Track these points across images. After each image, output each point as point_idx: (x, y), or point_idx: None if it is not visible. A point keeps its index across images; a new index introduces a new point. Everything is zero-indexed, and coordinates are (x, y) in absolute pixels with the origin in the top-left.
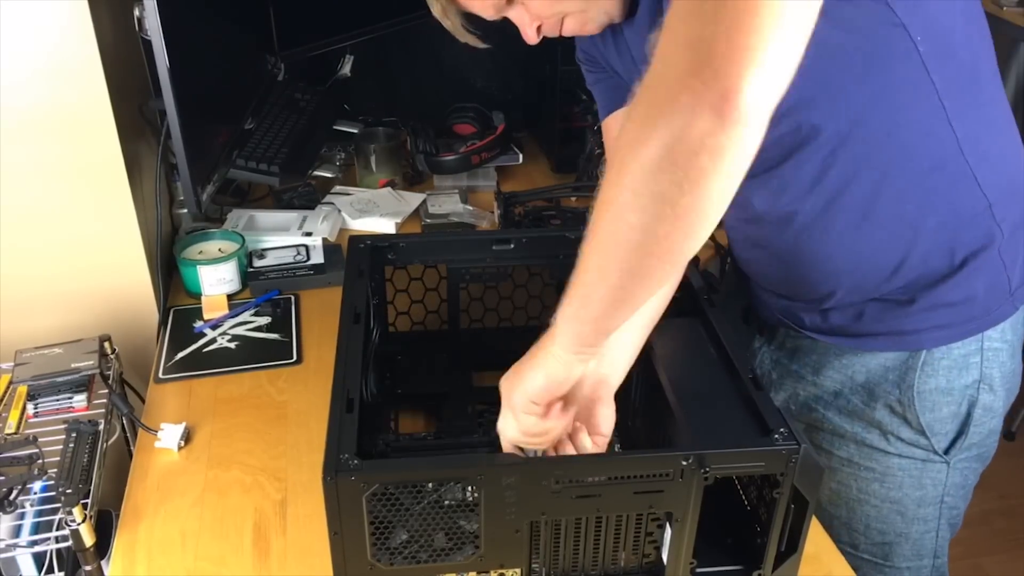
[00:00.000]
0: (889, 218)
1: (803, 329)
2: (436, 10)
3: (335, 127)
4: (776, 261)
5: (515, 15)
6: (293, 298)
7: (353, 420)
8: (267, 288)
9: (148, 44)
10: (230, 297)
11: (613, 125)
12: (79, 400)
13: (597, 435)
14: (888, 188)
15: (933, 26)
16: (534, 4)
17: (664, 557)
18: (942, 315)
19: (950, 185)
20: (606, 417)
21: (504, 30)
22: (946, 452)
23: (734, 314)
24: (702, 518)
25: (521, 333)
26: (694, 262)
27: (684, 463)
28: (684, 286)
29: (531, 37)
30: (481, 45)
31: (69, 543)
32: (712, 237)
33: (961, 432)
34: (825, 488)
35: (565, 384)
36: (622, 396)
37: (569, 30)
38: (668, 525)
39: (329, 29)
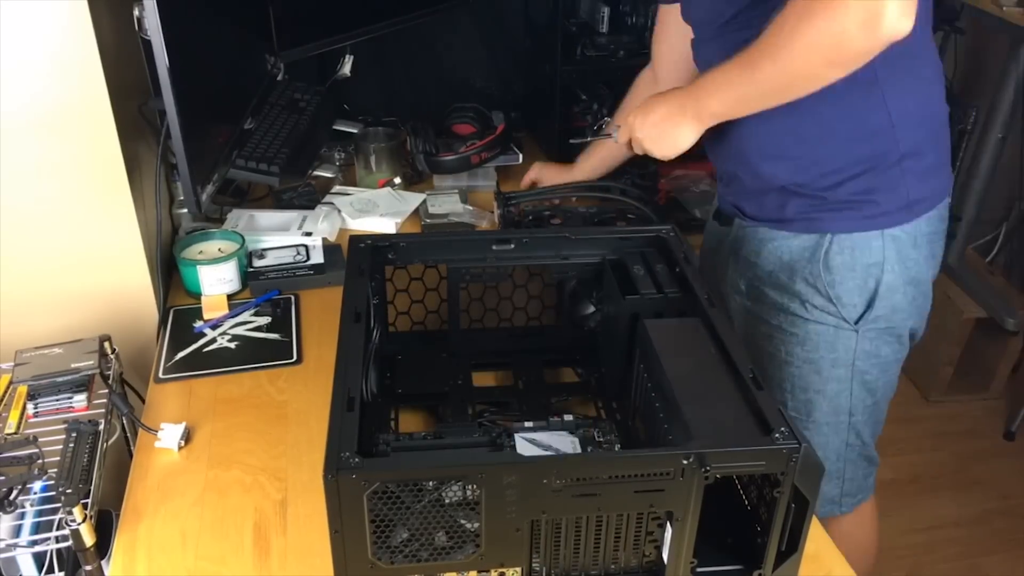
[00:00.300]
0: (805, 117)
1: (747, 217)
2: None
3: (335, 127)
4: (719, 140)
5: None
6: (293, 298)
7: (354, 419)
8: (267, 288)
9: (148, 44)
10: (230, 297)
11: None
12: (79, 400)
13: None
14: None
15: None
16: None
17: (664, 556)
18: (846, 210)
19: (862, 99)
20: None
21: (504, 29)
22: (856, 322)
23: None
24: (702, 517)
25: (521, 333)
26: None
27: (685, 462)
28: (684, 286)
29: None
30: None
31: (69, 543)
32: None
33: (869, 305)
34: (763, 352)
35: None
36: (623, 396)
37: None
38: (668, 524)
39: (329, 29)
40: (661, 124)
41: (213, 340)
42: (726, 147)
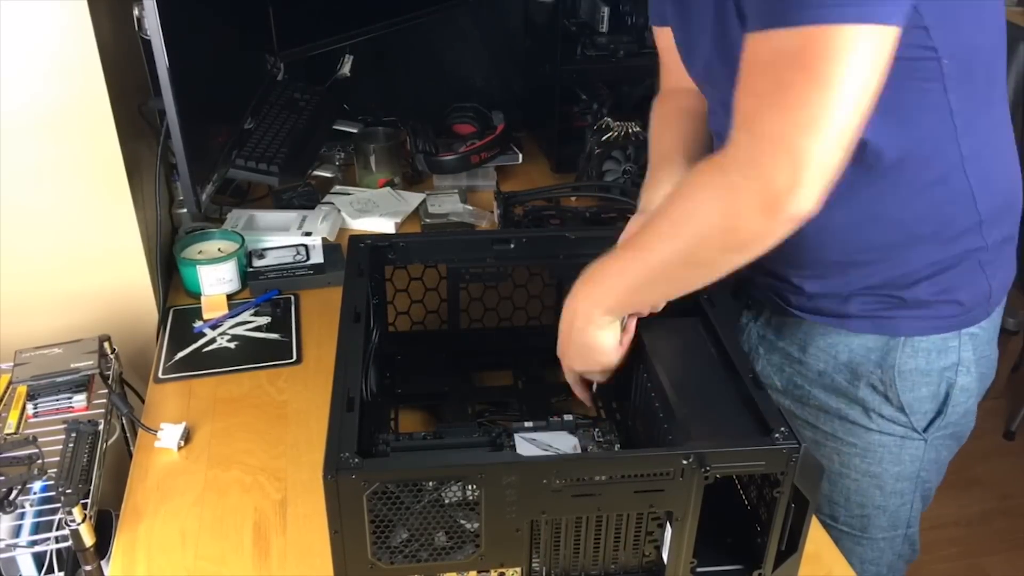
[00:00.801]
0: (888, 222)
1: (789, 307)
2: None
3: (335, 127)
4: (792, 253)
5: None
6: (293, 298)
7: (353, 419)
8: (267, 288)
9: (148, 44)
10: (230, 297)
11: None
12: (79, 400)
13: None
14: (893, 195)
15: (962, 47)
16: None
17: (664, 556)
18: (923, 311)
19: (949, 200)
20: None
21: (504, 29)
22: (924, 430)
23: (726, 297)
24: (702, 518)
25: (521, 333)
26: None
27: (684, 462)
28: None
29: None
30: None
31: (69, 543)
32: None
33: (939, 412)
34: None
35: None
36: (622, 396)
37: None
38: (668, 524)
39: (329, 29)
40: (577, 342)
41: (213, 340)
42: (779, 250)
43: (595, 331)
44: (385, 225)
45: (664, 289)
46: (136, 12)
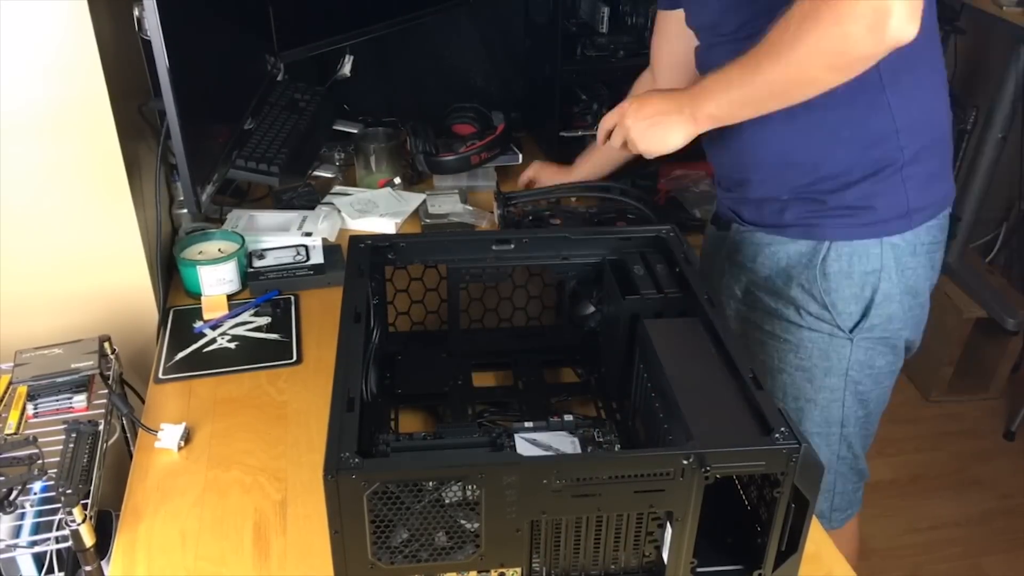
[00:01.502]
0: (810, 123)
1: (744, 222)
2: None
3: (335, 127)
4: (723, 148)
5: None
6: (293, 298)
7: (354, 419)
8: (267, 288)
9: (148, 44)
10: (230, 297)
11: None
12: (79, 400)
13: None
14: (819, 99)
15: None
16: None
17: (664, 556)
18: (846, 218)
19: (867, 104)
20: None
21: (504, 29)
22: (851, 331)
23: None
24: (702, 518)
25: (521, 333)
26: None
27: (685, 462)
28: (684, 286)
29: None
30: None
31: (69, 543)
32: None
33: (864, 314)
34: (757, 359)
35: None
36: (623, 396)
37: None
38: (668, 524)
39: (329, 29)
40: (654, 119)
41: (213, 340)
42: (732, 155)
43: (680, 126)
44: (385, 225)
45: (765, 105)
46: (136, 12)
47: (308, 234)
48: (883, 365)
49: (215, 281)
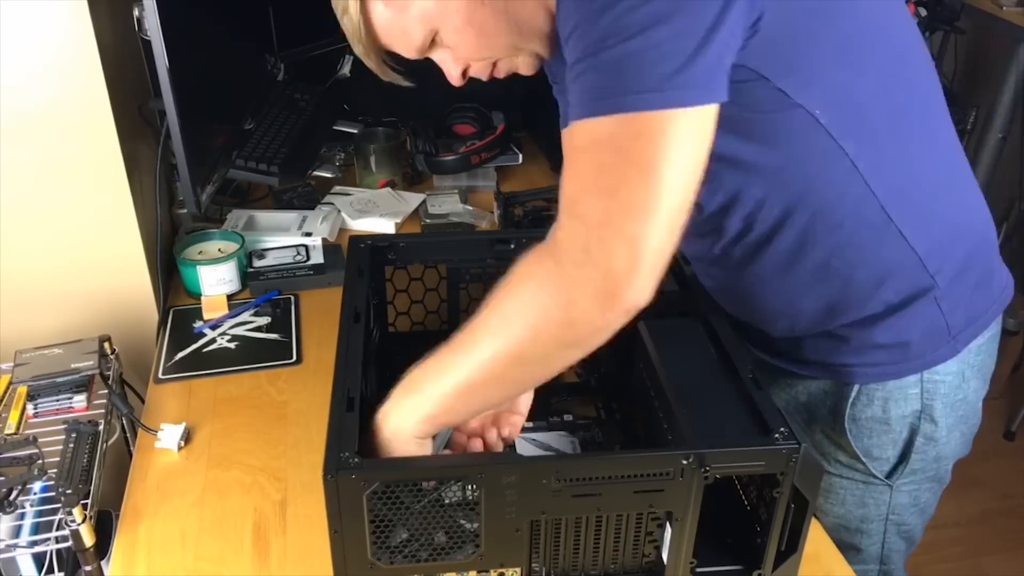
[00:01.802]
0: (815, 268)
1: (753, 347)
2: (358, 51)
3: (335, 127)
4: (723, 290)
5: (438, 57)
6: (293, 298)
7: (354, 419)
8: (267, 288)
9: (148, 44)
10: (230, 297)
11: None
12: (79, 400)
13: (506, 426)
14: (811, 241)
15: (834, 96)
16: (461, 48)
17: (664, 556)
18: (876, 355)
19: (876, 241)
20: (514, 423)
21: None
22: (888, 476)
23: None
24: (702, 518)
25: None
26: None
27: (684, 462)
28: (684, 286)
29: (455, 79)
30: (405, 83)
31: (69, 543)
32: None
33: (902, 459)
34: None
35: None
36: (622, 396)
37: (503, 71)
38: (668, 524)
39: (329, 29)
40: (385, 453)
41: (213, 340)
42: (733, 301)
43: (402, 448)
44: (385, 225)
45: (490, 393)
46: (136, 12)
47: (308, 234)
48: (928, 497)
49: (215, 281)
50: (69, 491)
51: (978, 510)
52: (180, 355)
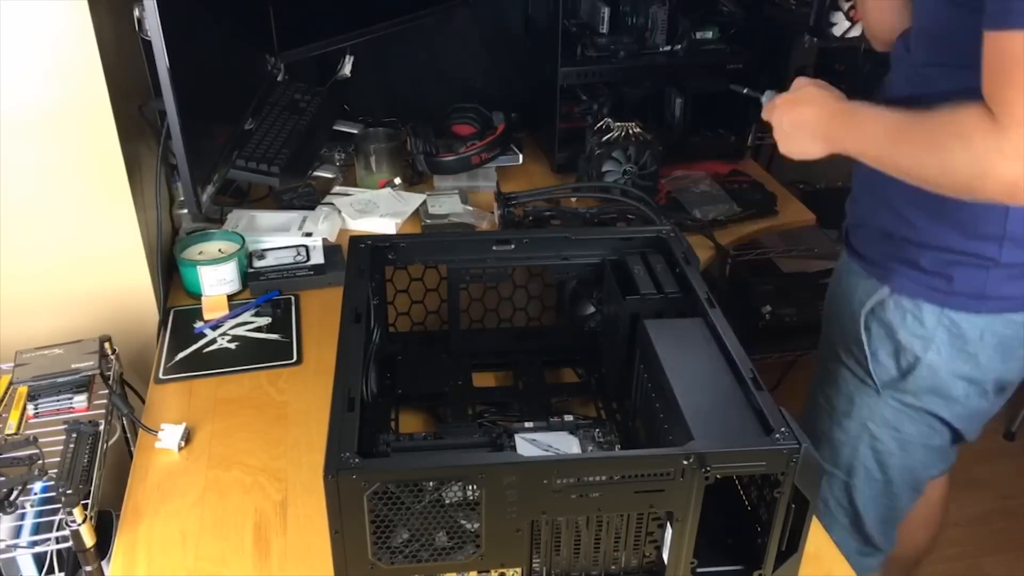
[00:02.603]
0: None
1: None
2: None
3: (335, 127)
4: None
5: None
6: (293, 298)
7: (354, 419)
8: (267, 288)
9: (148, 44)
10: (230, 297)
11: None
12: (79, 400)
13: None
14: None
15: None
16: None
17: (664, 557)
18: (918, 274)
19: (986, 206)
20: None
21: (504, 29)
22: (882, 384)
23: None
24: (703, 518)
25: (521, 334)
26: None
27: (685, 462)
28: (685, 286)
29: None
30: None
31: (69, 543)
32: (712, 237)
33: (901, 374)
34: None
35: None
36: (623, 396)
37: None
38: (669, 525)
39: (329, 29)
40: (797, 126)
41: (213, 340)
42: (860, 180)
43: (819, 144)
44: (385, 226)
45: (893, 173)
46: (136, 12)
47: (308, 234)
48: (913, 433)
49: (215, 281)
50: (69, 491)
51: (978, 510)
52: (180, 355)
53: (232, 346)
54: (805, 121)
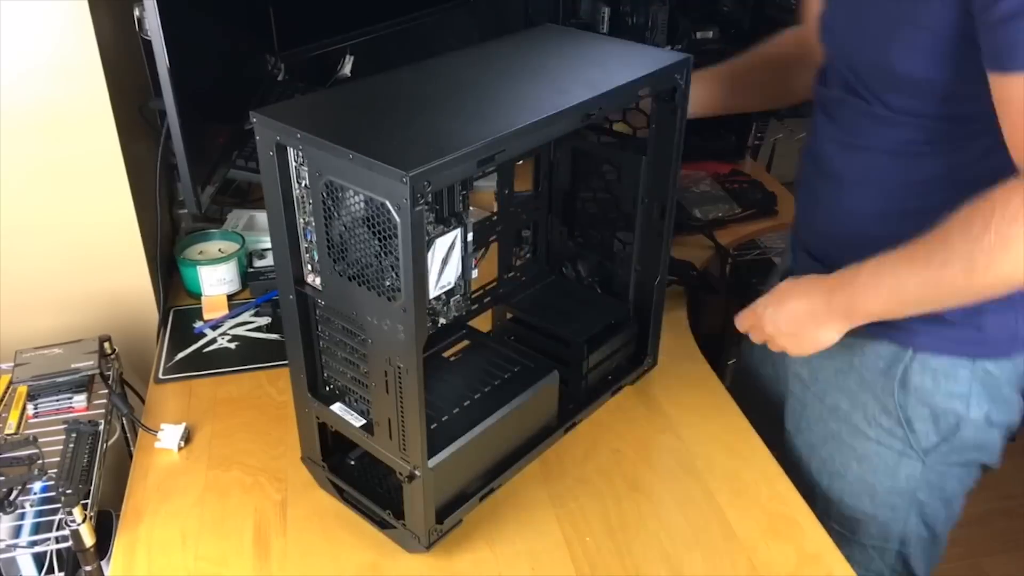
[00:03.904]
0: (927, 217)
1: None
2: None
3: None
4: (823, 203)
5: None
6: None
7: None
8: (267, 288)
9: (148, 44)
10: (230, 297)
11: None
12: (79, 400)
13: None
14: (941, 194)
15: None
16: None
17: None
18: (943, 328)
19: None
20: None
21: (504, 30)
22: (925, 452)
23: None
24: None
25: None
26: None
27: None
28: None
29: None
30: None
31: (69, 543)
32: (712, 237)
33: (944, 438)
34: (815, 457)
35: None
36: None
37: None
38: None
39: (329, 29)
40: (800, 327)
41: (213, 340)
42: (837, 223)
43: (834, 327)
44: None
45: (937, 305)
46: (136, 12)
47: None
48: (956, 487)
49: (215, 281)
50: (69, 491)
51: (978, 510)
52: (180, 355)
53: (232, 346)
54: (799, 316)
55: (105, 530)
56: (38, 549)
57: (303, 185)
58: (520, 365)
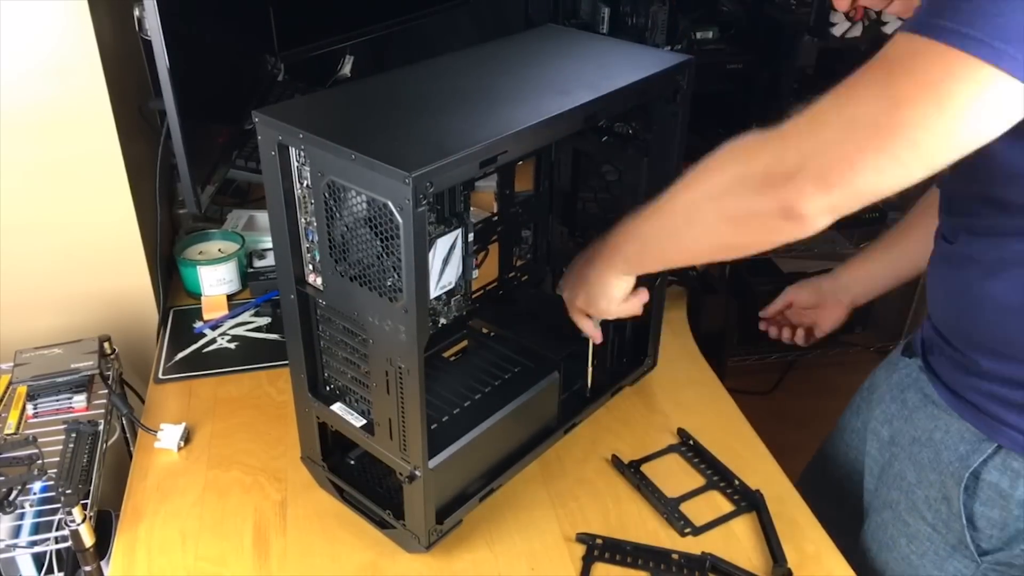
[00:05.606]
0: None
1: (926, 365)
2: None
3: None
4: (950, 295)
5: None
6: None
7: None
8: (267, 288)
9: (148, 44)
10: (230, 297)
11: None
12: (79, 400)
13: (818, 332)
14: None
15: None
16: None
17: None
18: None
19: None
20: (825, 319)
21: (504, 30)
22: (980, 554)
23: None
24: None
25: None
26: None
27: None
28: None
29: (843, 3)
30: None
31: (69, 543)
32: None
33: (1005, 544)
34: (871, 520)
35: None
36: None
37: (895, 11)
38: None
39: (330, 29)
40: (587, 283)
41: (213, 340)
42: (962, 307)
43: (612, 278)
44: None
45: (665, 250)
46: (136, 12)
47: None
48: None
49: (215, 281)
50: (69, 491)
51: None
52: (180, 355)
53: (232, 346)
54: (582, 268)
55: (105, 530)
56: (38, 549)
57: (305, 185)
58: (520, 365)
